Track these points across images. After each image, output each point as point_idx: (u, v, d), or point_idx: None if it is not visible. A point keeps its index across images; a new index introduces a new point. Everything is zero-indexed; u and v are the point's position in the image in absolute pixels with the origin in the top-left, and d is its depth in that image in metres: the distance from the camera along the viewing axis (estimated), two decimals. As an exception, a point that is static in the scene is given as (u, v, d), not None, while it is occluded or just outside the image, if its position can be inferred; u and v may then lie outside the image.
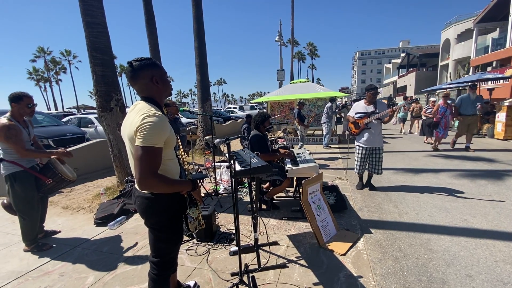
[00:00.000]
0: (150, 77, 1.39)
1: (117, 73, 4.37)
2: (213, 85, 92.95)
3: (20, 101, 2.54)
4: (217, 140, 1.84)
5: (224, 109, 24.88)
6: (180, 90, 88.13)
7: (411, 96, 9.22)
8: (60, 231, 3.25)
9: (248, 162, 2.25)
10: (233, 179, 1.91)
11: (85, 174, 5.71)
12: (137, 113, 1.33)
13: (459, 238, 2.68)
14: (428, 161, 6.06)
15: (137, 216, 3.57)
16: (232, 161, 1.88)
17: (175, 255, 1.59)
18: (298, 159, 3.42)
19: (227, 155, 2.66)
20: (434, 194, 3.93)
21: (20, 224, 2.72)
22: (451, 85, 13.97)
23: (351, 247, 2.59)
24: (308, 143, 9.77)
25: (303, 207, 2.72)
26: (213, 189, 4.39)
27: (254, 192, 2.40)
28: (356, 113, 4.14)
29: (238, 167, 2.07)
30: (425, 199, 3.78)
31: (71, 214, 3.80)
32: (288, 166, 3.13)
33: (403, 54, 36.64)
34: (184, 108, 4.31)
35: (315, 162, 3.12)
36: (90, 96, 67.36)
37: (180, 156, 1.70)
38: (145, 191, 1.39)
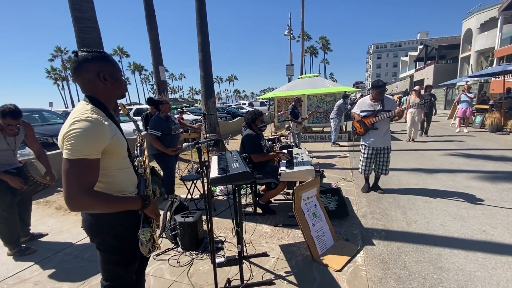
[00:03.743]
0: (97, 72, 1.17)
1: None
2: (225, 81, 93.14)
3: (3, 118, 2.45)
4: (185, 144, 1.60)
5: (233, 105, 24.71)
6: (192, 86, 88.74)
7: (429, 88, 7.90)
8: (47, 234, 3.15)
9: (231, 166, 2.01)
10: (205, 187, 1.68)
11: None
12: (70, 117, 1.12)
13: (476, 254, 2.33)
14: (444, 161, 5.59)
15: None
16: (205, 168, 1.65)
17: (128, 278, 1.37)
18: (294, 160, 3.14)
19: (230, 152, 2.43)
20: (449, 199, 3.55)
21: None
22: (472, 78, 13.06)
23: (348, 261, 2.31)
24: (316, 140, 9.42)
25: (296, 215, 2.45)
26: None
27: (252, 198, 2.16)
28: (361, 111, 3.80)
29: (215, 173, 1.84)
30: (438, 205, 3.41)
31: (62, 215, 3.71)
32: (282, 168, 2.86)
33: (420, 46, 34.93)
34: (177, 106, 4.10)
35: (311, 165, 2.83)
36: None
37: (142, 164, 1.48)
38: None
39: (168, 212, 3.05)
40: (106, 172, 1.20)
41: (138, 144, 1.56)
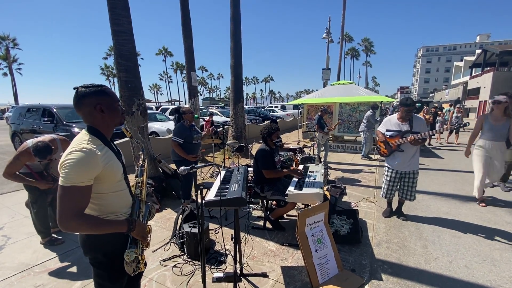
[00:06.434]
0: (94, 105, 1.30)
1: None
2: (261, 82, 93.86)
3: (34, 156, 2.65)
4: (182, 168, 1.67)
5: (265, 108, 24.77)
6: (228, 86, 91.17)
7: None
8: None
9: (229, 188, 2.04)
10: (199, 209, 1.73)
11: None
12: (70, 146, 1.25)
13: (500, 309, 2.05)
14: (487, 188, 4.96)
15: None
16: (199, 190, 1.70)
17: None
18: (306, 179, 3.06)
19: (237, 169, 2.47)
20: (482, 237, 3.16)
21: (31, 218, 3.02)
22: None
23: (349, 296, 2.19)
24: (346, 150, 9.05)
25: (298, 240, 2.39)
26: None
27: (264, 212, 2.18)
28: (387, 130, 3.56)
29: (212, 195, 1.88)
30: (468, 241, 3.05)
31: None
32: (290, 189, 2.80)
33: (478, 51, 31.40)
34: (198, 116, 4.26)
35: (321, 188, 2.73)
36: (150, 90, 74.34)
37: (140, 184, 1.58)
38: None
39: (180, 218, 3.20)
40: (99, 195, 1.31)
41: (140, 165, 1.68)
